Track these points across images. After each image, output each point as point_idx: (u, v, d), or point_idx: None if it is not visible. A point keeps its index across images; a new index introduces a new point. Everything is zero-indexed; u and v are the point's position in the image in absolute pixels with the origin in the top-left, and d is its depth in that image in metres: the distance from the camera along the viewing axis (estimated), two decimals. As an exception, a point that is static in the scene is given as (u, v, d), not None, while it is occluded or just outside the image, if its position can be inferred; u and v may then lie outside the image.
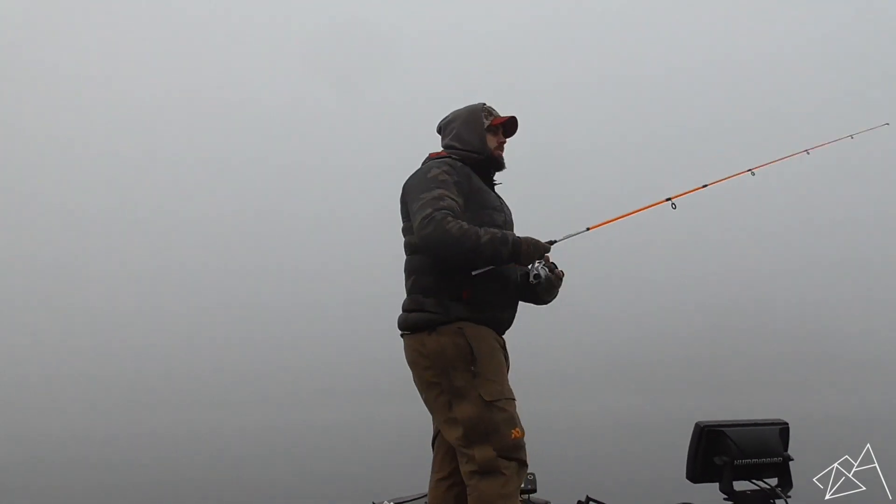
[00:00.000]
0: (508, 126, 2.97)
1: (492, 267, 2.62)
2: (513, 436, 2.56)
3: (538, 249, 2.68)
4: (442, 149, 2.96)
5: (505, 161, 2.96)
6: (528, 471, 3.95)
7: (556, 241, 2.76)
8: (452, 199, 2.62)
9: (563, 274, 2.79)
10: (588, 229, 2.83)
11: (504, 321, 2.76)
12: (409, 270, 2.72)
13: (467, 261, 2.58)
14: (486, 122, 2.92)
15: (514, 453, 2.56)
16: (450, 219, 2.52)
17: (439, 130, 3.03)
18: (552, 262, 2.76)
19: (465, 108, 2.99)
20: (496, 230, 2.61)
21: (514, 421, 2.58)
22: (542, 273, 2.69)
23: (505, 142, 2.96)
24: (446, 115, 3.04)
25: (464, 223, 2.55)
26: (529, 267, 2.70)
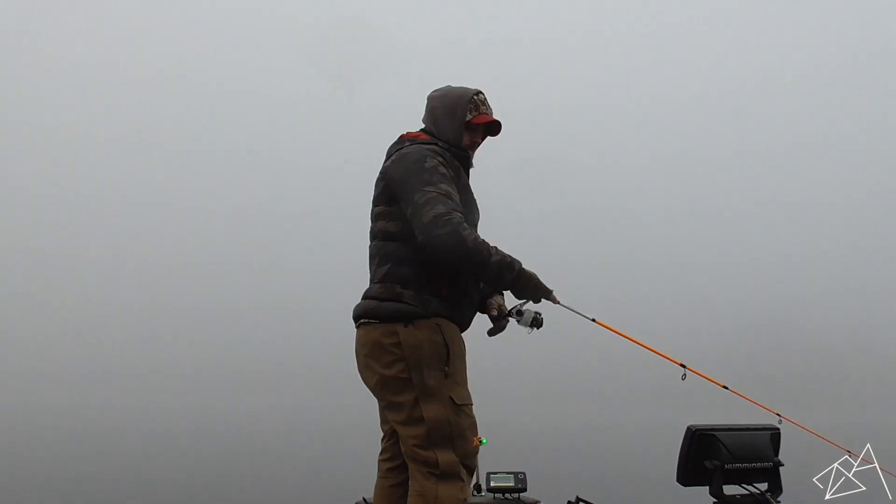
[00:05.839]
0: (490, 127, 2.79)
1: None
2: (474, 443, 2.53)
3: (537, 291, 2.55)
4: (421, 126, 2.80)
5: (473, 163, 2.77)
6: (519, 469, 3.97)
7: (558, 301, 2.58)
8: (457, 197, 2.50)
9: (540, 326, 2.62)
10: (594, 321, 2.68)
11: (469, 320, 2.69)
12: (383, 257, 2.56)
13: (468, 273, 2.52)
14: (469, 117, 2.72)
15: (471, 460, 2.53)
16: (465, 225, 2.41)
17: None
18: (540, 314, 2.60)
19: (456, 90, 2.77)
20: (506, 253, 2.48)
21: (476, 427, 2.55)
22: (526, 314, 2.58)
23: (480, 143, 2.79)
24: (441, 87, 2.82)
25: (477, 234, 2.44)
26: (519, 301, 2.58)
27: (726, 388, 3.01)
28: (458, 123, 2.71)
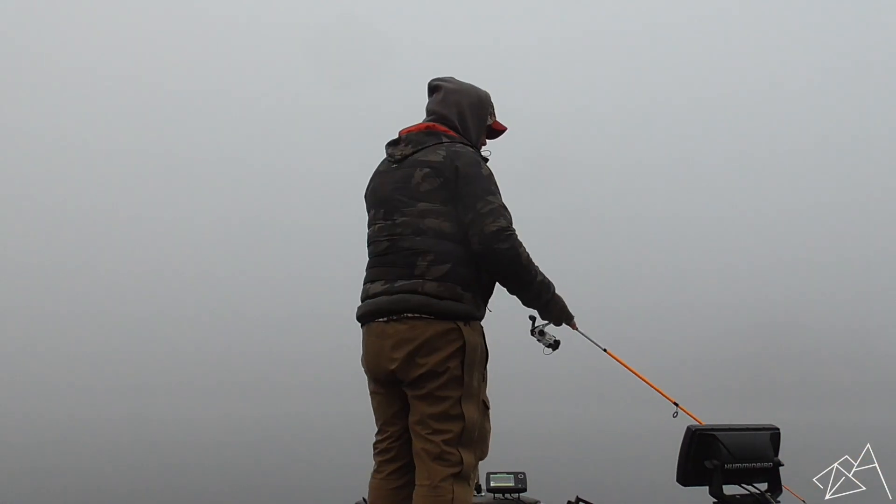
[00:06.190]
0: (496, 132, 2.83)
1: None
2: (487, 448, 2.59)
3: (562, 315, 2.67)
4: (430, 115, 2.71)
5: None
6: (519, 469, 3.97)
7: (576, 328, 2.75)
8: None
9: (556, 349, 2.75)
10: (605, 350, 2.97)
11: None
12: (441, 255, 2.48)
13: (512, 286, 2.57)
14: (489, 121, 2.76)
15: (477, 465, 2.57)
16: (521, 241, 2.49)
17: (434, 90, 2.74)
18: (556, 339, 2.75)
19: (471, 87, 2.76)
20: (545, 275, 2.58)
21: (490, 434, 2.61)
22: (547, 336, 2.72)
23: (485, 144, 2.81)
24: (445, 76, 2.78)
25: (528, 252, 2.52)
26: (542, 321, 2.70)
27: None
28: (482, 125, 2.75)
